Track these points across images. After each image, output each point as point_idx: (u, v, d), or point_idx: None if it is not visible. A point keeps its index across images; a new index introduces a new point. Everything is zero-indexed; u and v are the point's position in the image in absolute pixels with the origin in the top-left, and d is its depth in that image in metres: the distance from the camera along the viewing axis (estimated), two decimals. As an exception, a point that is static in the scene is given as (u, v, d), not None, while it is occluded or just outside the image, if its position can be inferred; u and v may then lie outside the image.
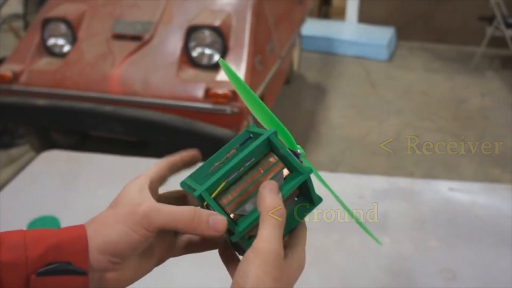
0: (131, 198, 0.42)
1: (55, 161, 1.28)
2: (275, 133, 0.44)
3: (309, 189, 0.45)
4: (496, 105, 4.01)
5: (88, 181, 1.20)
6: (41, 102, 2.43)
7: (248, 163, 0.43)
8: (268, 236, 0.39)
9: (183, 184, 0.45)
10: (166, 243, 0.45)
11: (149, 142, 2.92)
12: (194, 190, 0.42)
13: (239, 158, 0.42)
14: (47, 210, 0.94)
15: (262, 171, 0.44)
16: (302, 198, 0.47)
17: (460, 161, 3.11)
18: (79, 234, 0.40)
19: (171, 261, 0.48)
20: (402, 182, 1.18)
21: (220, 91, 2.24)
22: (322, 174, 0.62)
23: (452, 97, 4.15)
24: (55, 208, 1.01)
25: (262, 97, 2.66)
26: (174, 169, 0.48)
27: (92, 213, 1.19)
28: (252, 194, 0.43)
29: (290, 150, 0.45)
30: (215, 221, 0.40)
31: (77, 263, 0.39)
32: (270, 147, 0.44)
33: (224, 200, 0.42)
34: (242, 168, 0.43)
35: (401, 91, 4.26)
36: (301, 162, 0.46)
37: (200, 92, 2.30)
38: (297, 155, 0.45)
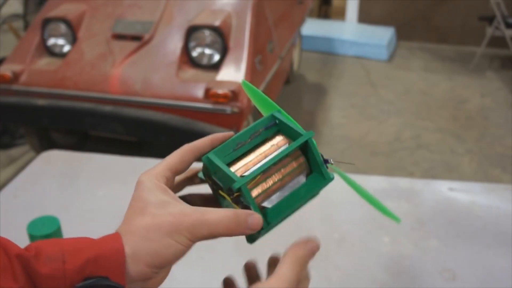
0: (159, 202, 0.42)
1: (55, 161, 1.28)
2: (312, 136, 0.44)
3: (315, 157, 0.45)
4: (496, 105, 4.01)
5: (88, 181, 1.20)
6: (41, 102, 2.43)
7: (281, 158, 0.44)
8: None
9: (205, 158, 0.44)
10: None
11: (149, 142, 2.92)
12: (217, 167, 0.43)
13: (279, 156, 0.43)
14: (47, 210, 0.94)
15: (289, 168, 0.44)
16: (313, 176, 0.47)
17: (460, 161, 3.11)
18: (116, 248, 0.39)
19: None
20: (402, 182, 1.18)
21: (220, 91, 2.24)
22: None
23: (452, 97, 4.16)
24: (55, 208, 1.00)
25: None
26: (202, 154, 0.46)
27: (92, 213, 1.19)
28: (278, 188, 0.44)
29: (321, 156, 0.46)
30: (252, 221, 0.41)
31: (114, 278, 0.39)
32: (301, 147, 0.45)
33: (255, 192, 0.43)
34: (276, 163, 0.43)
35: (401, 91, 4.27)
36: (327, 168, 0.47)
37: (200, 92, 2.30)
38: (326, 161, 0.46)
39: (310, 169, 0.46)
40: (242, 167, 0.44)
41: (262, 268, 0.49)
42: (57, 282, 0.37)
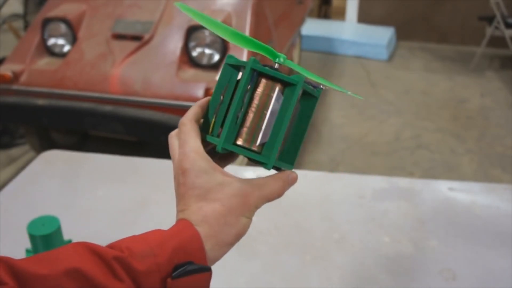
0: (216, 185, 0.45)
1: (55, 161, 1.28)
2: (255, 61, 0.45)
3: (280, 77, 0.45)
4: (496, 105, 4.01)
5: (88, 181, 1.20)
6: (41, 102, 2.43)
7: (246, 96, 0.45)
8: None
9: (222, 150, 0.45)
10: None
11: (149, 142, 2.92)
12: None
13: (237, 99, 0.44)
14: (47, 210, 0.94)
15: (258, 98, 0.46)
16: (304, 98, 0.48)
17: (460, 161, 3.11)
18: (193, 234, 0.43)
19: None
20: (402, 182, 1.18)
21: (220, 91, 2.24)
22: (322, 174, 0.62)
23: (452, 97, 4.16)
24: (55, 208, 1.00)
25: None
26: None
27: (92, 213, 1.19)
28: (259, 121, 0.46)
29: (272, 67, 0.46)
30: (292, 180, 0.48)
31: (198, 261, 0.42)
32: (257, 73, 0.45)
33: (240, 140, 0.46)
34: (243, 105, 0.45)
35: (401, 91, 4.27)
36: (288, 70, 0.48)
37: (200, 92, 2.30)
38: (273, 68, 0.46)
39: (283, 83, 0.46)
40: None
41: (263, 268, 0.50)
42: (154, 276, 0.40)
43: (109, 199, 1.11)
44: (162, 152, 0.58)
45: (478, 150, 3.26)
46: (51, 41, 2.67)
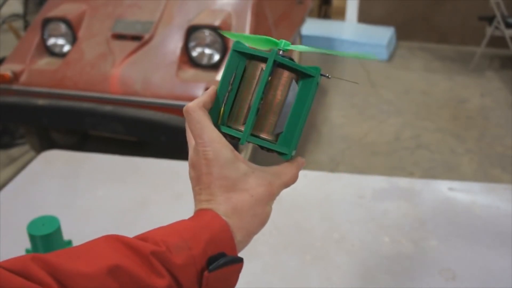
0: (241, 175, 0.45)
1: (55, 161, 1.28)
2: (277, 52, 0.45)
3: (299, 68, 0.46)
4: (496, 105, 4.01)
5: (88, 181, 1.20)
6: (41, 102, 2.43)
7: (254, 86, 0.46)
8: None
9: (225, 129, 0.47)
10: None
11: (149, 142, 2.92)
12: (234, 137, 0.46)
13: (259, 92, 0.44)
14: (47, 210, 0.94)
15: (274, 89, 0.46)
16: (302, 80, 0.48)
17: (460, 161, 3.11)
18: (222, 225, 0.43)
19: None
20: (402, 182, 1.18)
21: (220, 91, 2.24)
22: (322, 174, 0.62)
23: (452, 97, 4.16)
24: (55, 208, 1.00)
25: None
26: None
27: (92, 213, 1.19)
28: (276, 112, 0.46)
29: (290, 58, 0.46)
30: (301, 164, 0.49)
31: (229, 252, 0.42)
32: (257, 59, 0.46)
33: (259, 131, 0.46)
34: (255, 93, 0.45)
35: (401, 91, 4.27)
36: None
37: (200, 92, 2.30)
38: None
39: (297, 74, 0.47)
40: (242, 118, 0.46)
41: (263, 268, 0.50)
42: (190, 269, 0.40)
43: (109, 199, 1.11)
44: (162, 152, 0.58)
45: (478, 150, 3.25)
46: (51, 41, 2.67)
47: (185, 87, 2.36)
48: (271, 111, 0.46)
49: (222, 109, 0.48)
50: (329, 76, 0.49)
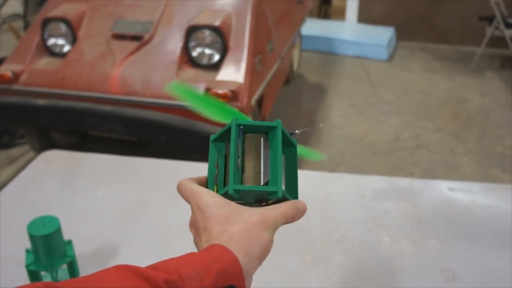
0: (234, 210, 0.48)
1: (55, 161, 1.29)
2: (236, 118, 0.52)
3: (284, 133, 0.53)
4: (496, 105, 4.01)
5: (88, 181, 1.20)
6: (41, 102, 2.43)
7: (240, 148, 0.51)
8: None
9: (235, 192, 0.50)
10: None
11: (149, 142, 2.91)
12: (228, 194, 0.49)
13: (232, 155, 0.50)
14: (47, 210, 0.94)
15: (248, 150, 0.52)
16: (285, 149, 0.54)
17: (460, 161, 3.11)
18: (232, 258, 0.44)
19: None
20: (402, 182, 1.18)
21: (220, 91, 2.24)
22: (322, 174, 0.62)
23: (452, 97, 4.16)
24: (55, 208, 1.01)
25: (262, 97, 2.66)
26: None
27: (92, 213, 1.19)
28: (257, 166, 0.52)
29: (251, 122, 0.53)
30: (302, 208, 0.50)
31: (238, 284, 0.43)
32: (242, 130, 0.52)
33: (246, 183, 0.51)
34: (239, 156, 0.51)
35: (401, 91, 4.27)
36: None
37: (200, 92, 2.30)
38: (292, 134, 0.55)
39: (265, 131, 0.54)
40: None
41: (263, 268, 0.50)
42: None
43: (109, 199, 1.11)
44: (162, 152, 0.59)
45: (478, 150, 3.25)
46: (51, 41, 2.67)
47: (185, 87, 2.36)
48: (252, 166, 0.51)
49: (215, 188, 0.53)
50: (298, 131, 0.55)
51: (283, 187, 0.51)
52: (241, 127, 0.52)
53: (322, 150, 3.15)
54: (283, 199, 0.50)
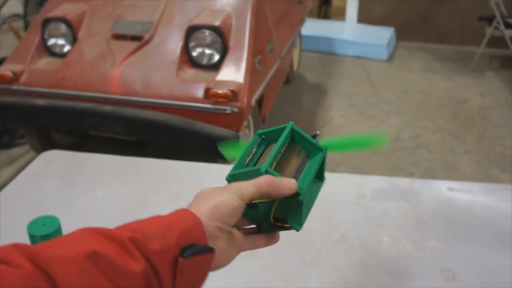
0: (216, 189, 0.51)
1: (55, 161, 1.29)
2: (294, 124, 0.56)
3: (323, 164, 0.59)
4: (496, 105, 4.01)
5: (88, 181, 1.20)
6: (41, 102, 2.43)
7: (283, 149, 0.55)
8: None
9: (229, 177, 0.53)
10: (239, 237, 0.54)
11: (149, 142, 2.91)
12: (240, 174, 0.53)
13: (279, 144, 0.54)
14: (47, 210, 0.94)
15: (292, 155, 0.57)
16: (315, 181, 0.59)
17: (460, 161, 3.11)
18: (193, 219, 0.46)
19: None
20: (402, 182, 1.18)
21: (220, 91, 2.24)
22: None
23: (452, 97, 4.16)
24: (55, 208, 1.01)
25: (262, 97, 2.66)
26: None
27: (92, 213, 1.19)
28: (290, 169, 0.56)
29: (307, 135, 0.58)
30: (287, 182, 0.51)
31: (201, 242, 0.46)
32: (291, 137, 0.57)
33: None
34: (281, 152, 0.55)
35: (401, 91, 4.27)
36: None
37: (200, 92, 2.30)
38: (315, 136, 0.59)
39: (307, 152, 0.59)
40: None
41: (263, 268, 0.50)
42: (165, 255, 0.43)
43: (109, 199, 1.11)
44: (162, 152, 0.60)
45: (478, 150, 3.26)
46: (51, 41, 2.67)
47: (185, 87, 2.36)
48: (286, 167, 0.56)
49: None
50: (318, 133, 0.61)
51: (299, 177, 0.55)
52: (294, 133, 0.56)
53: (322, 150, 3.15)
54: (287, 199, 0.52)
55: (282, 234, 0.61)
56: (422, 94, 4.21)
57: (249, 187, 0.50)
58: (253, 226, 0.58)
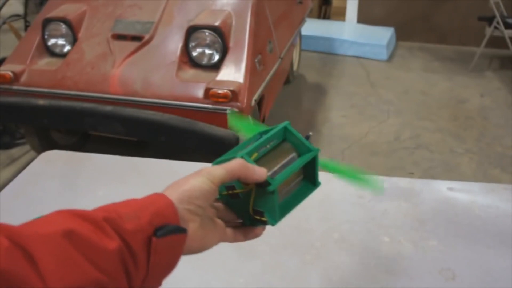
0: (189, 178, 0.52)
1: (55, 161, 1.29)
2: (289, 124, 0.57)
3: (315, 168, 0.58)
4: (495, 105, 4.01)
5: (88, 181, 1.20)
6: (41, 102, 2.43)
7: (271, 144, 0.56)
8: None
9: (215, 162, 0.55)
10: (221, 227, 0.56)
11: (149, 142, 2.91)
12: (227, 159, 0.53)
13: (265, 138, 0.55)
14: (47, 210, 0.94)
15: (281, 154, 0.57)
16: (305, 181, 0.59)
17: (459, 161, 3.11)
18: (166, 201, 0.48)
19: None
20: (402, 182, 1.18)
21: (220, 91, 2.24)
22: (322, 174, 0.62)
23: (452, 97, 4.16)
24: (55, 208, 1.00)
25: (262, 97, 2.66)
26: None
27: (92, 213, 1.17)
28: (276, 163, 0.56)
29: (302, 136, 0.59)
30: (259, 169, 0.52)
31: (173, 223, 0.47)
32: (284, 136, 0.58)
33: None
34: (268, 147, 0.56)
35: (401, 91, 4.27)
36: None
37: (200, 92, 2.30)
38: (307, 137, 0.59)
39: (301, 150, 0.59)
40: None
41: (263, 268, 0.50)
42: (139, 234, 0.45)
43: (109, 199, 1.11)
44: (162, 152, 0.61)
45: (478, 150, 3.26)
46: (52, 42, 2.67)
47: (185, 87, 2.36)
48: (272, 159, 0.56)
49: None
50: (311, 134, 0.61)
51: (276, 174, 0.56)
52: (287, 131, 0.57)
53: (322, 150, 3.13)
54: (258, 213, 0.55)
55: (282, 234, 0.62)
56: (422, 94, 4.21)
57: (220, 170, 0.51)
58: (240, 221, 0.59)
